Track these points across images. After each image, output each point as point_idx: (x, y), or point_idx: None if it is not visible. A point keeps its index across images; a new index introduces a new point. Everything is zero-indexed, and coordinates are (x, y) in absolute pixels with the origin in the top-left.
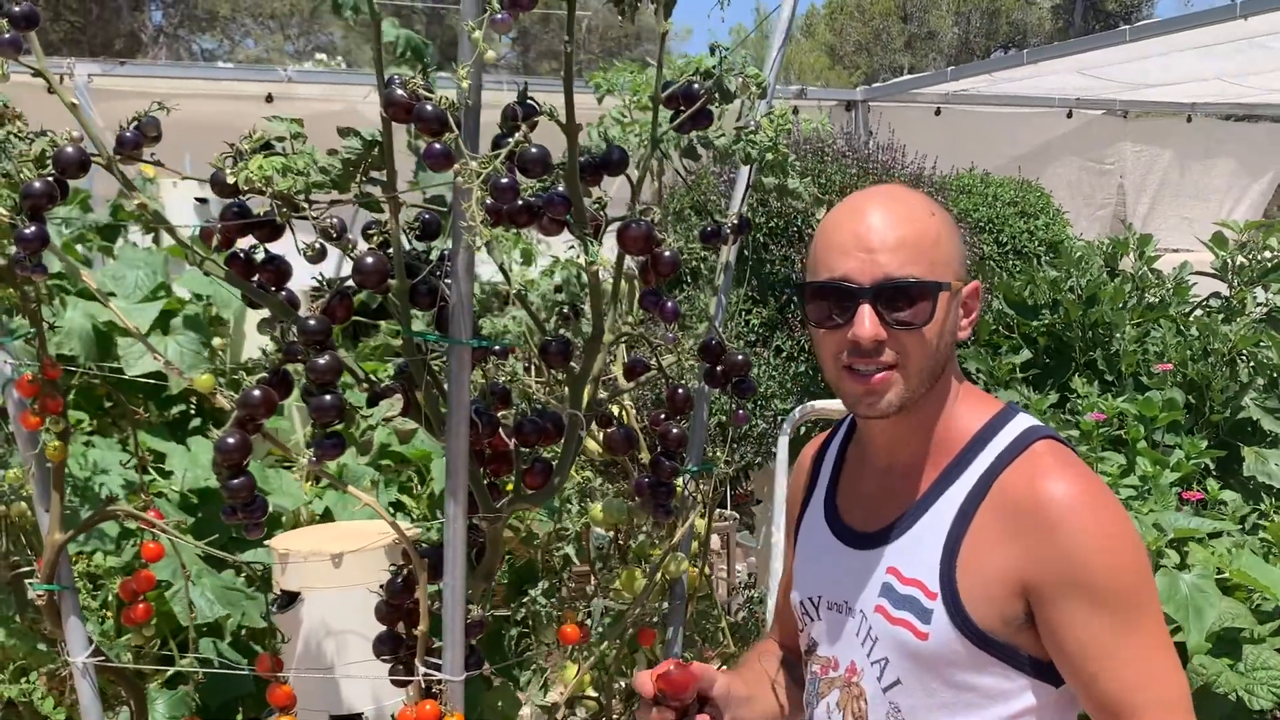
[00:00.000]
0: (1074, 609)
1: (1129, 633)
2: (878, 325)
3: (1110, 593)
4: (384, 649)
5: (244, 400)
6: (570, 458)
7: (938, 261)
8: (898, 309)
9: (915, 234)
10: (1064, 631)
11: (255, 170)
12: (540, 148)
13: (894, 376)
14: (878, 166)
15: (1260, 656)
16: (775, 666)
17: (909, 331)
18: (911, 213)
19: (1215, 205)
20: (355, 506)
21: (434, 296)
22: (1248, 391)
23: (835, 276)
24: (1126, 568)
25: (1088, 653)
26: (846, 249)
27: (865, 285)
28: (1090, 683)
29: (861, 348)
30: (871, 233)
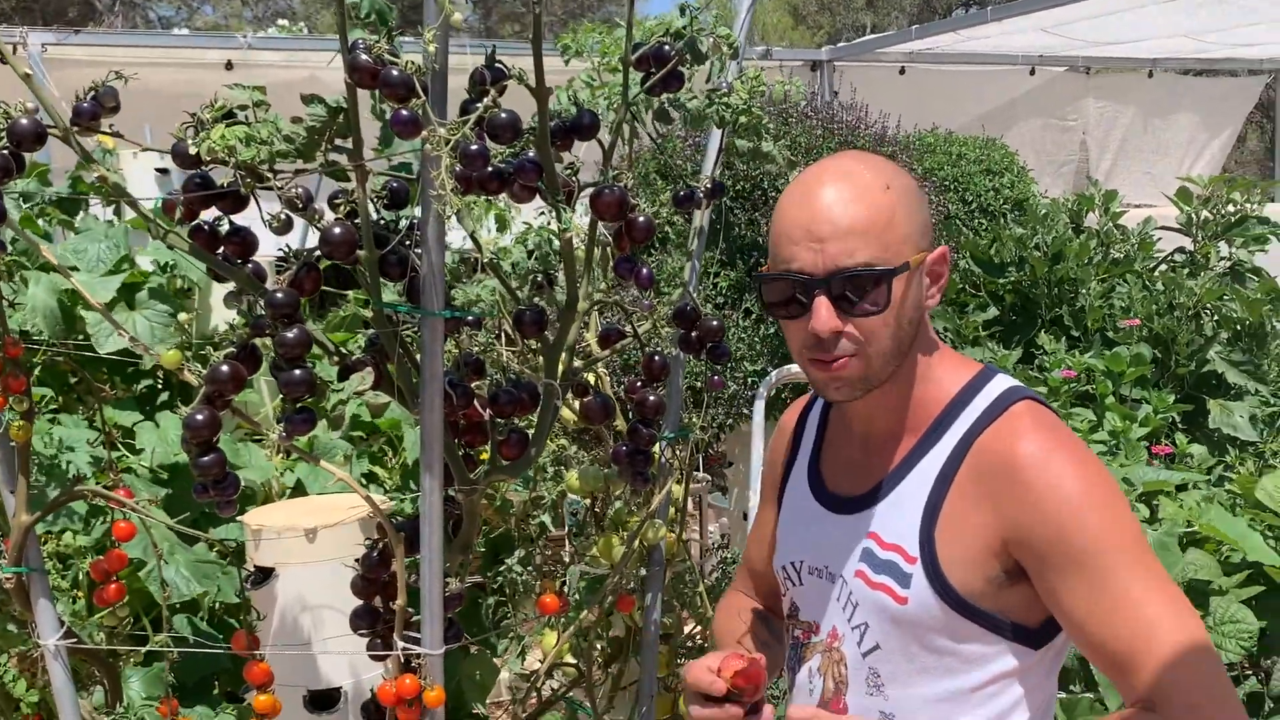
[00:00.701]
0: (1059, 566)
1: (1119, 580)
2: (834, 317)
3: (1095, 547)
4: (361, 623)
5: (212, 376)
6: (546, 428)
7: (893, 242)
8: (854, 299)
9: (867, 217)
10: (1058, 591)
11: (218, 140)
12: (510, 112)
13: (856, 363)
14: (843, 127)
15: (1228, 610)
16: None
17: (868, 318)
18: (862, 191)
19: (1176, 160)
20: (330, 480)
21: (404, 267)
22: (1212, 345)
23: (789, 268)
24: (1108, 522)
25: (1081, 605)
26: (796, 239)
27: (818, 276)
28: (1090, 639)
29: (820, 341)
30: (820, 220)
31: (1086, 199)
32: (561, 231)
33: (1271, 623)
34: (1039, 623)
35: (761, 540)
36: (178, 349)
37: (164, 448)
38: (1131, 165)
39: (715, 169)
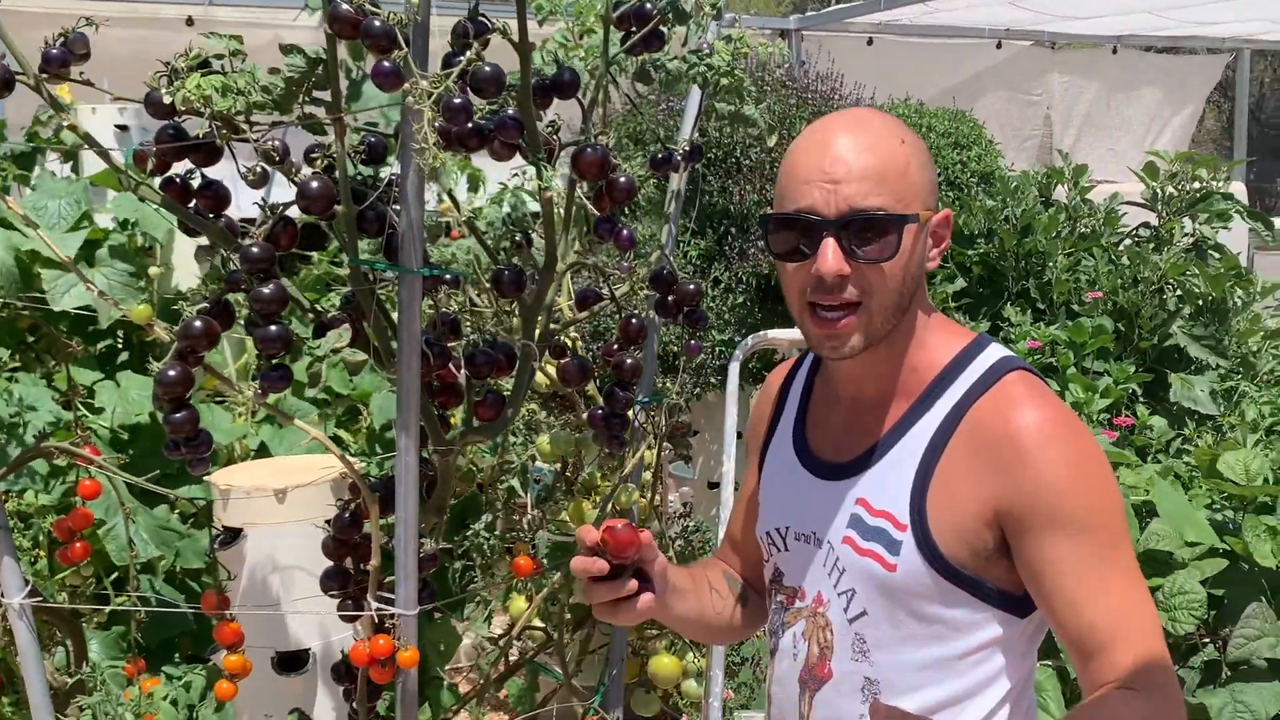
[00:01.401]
0: (1049, 539)
1: (1103, 563)
2: (841, 260)
3: (1085, 523)
4: (332, 584)
5: (185, 331)
6: (523, 389)
7: (906, 192)
8: (863, 243)
9: (882, 163)
10: (1039, 562)
11: (193, 89)
12: (494, 66)
13: (857, 321)
14: (816, 97)
15: (1179, 582)
16: (718, 576)
17: (874, 266)
18: (879, 141)
19: (1138, 137)
20: (301, 441)
21: (382, 223)
22: (1175, 319)
23: (800, 208)
24: (1101, 498)
25: (1063, 583)
26: (810, 180)
27: (829, 217)
28: (1065, 613)
29: (825, 283)
30: (836, 163)
31: (1056, 172)
32: (542, 190)
33: (1231, 593)
34: (1024, 592)
35: (744, 507)
36: (146, 304)
37: (125, 407)
38: (1094, 141)
39: (694, 131)
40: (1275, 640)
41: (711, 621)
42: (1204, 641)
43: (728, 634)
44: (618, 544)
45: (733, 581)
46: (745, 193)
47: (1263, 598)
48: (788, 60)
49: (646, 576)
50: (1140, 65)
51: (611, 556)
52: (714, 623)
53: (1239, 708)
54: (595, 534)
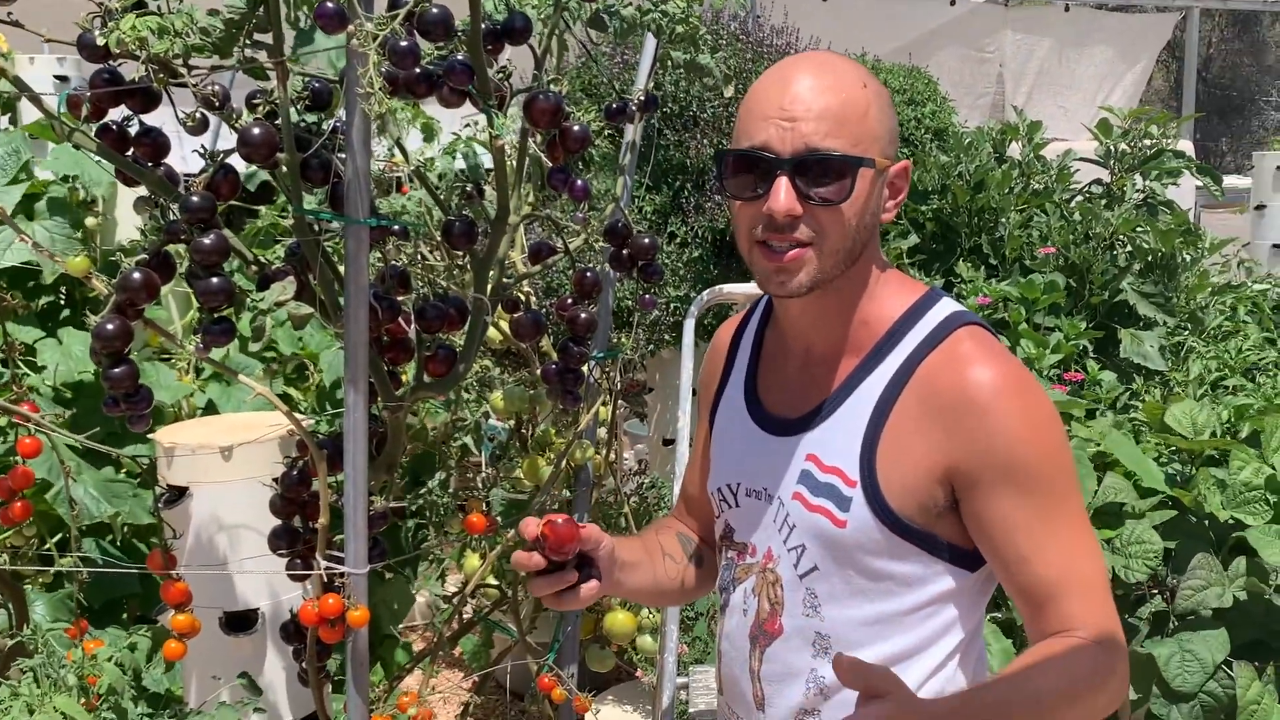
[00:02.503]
0: (1001, 494)
1: (1054, 516)
2: (794, 199)
3: (1037, 477)
4: (280, 543)
5: (123, 283)
6: (475, 344)
7: (864, 136)
8: (817, 183)
9: (841, 104)
10: (991, 517)
11: (128, 31)
12: (442, 8)
13: (807, 255)
14: (772, 51)
15: (1136, 531)
16: (671, 540)
17: (826, 208)
18: (840, 82)
19: (1090, 95)
20: (247, 397)
21: (327, 172)
22: (1126, 276)
23: (755, 145)
24: (1052, 452)
25: (1014, 537)
26: (768, 116)
27: (784, 155)
28: (1015, 566)
29: (776, 222)
30: (795, 101)
31: (1011, 128)
32: (493, 139)
33: (1180, 544)
34: (973, 547)
35: (697, 464)
36: (84, 255)
37: (67, 365)
38: (1045, 99)
39: (648, 81)
40: (1221, 590)
41: (666, 587)
42: (1152, 593)
43: (682, 596)
44: (557, 539)
45: (686, 542)
46: (702, 147)
47: (1210, 549)
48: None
49: (591, 562)
50: (1092, 23)
51: (550, 552)
52: (668, 588)
53: (1186, 656)
54: (535, 528)
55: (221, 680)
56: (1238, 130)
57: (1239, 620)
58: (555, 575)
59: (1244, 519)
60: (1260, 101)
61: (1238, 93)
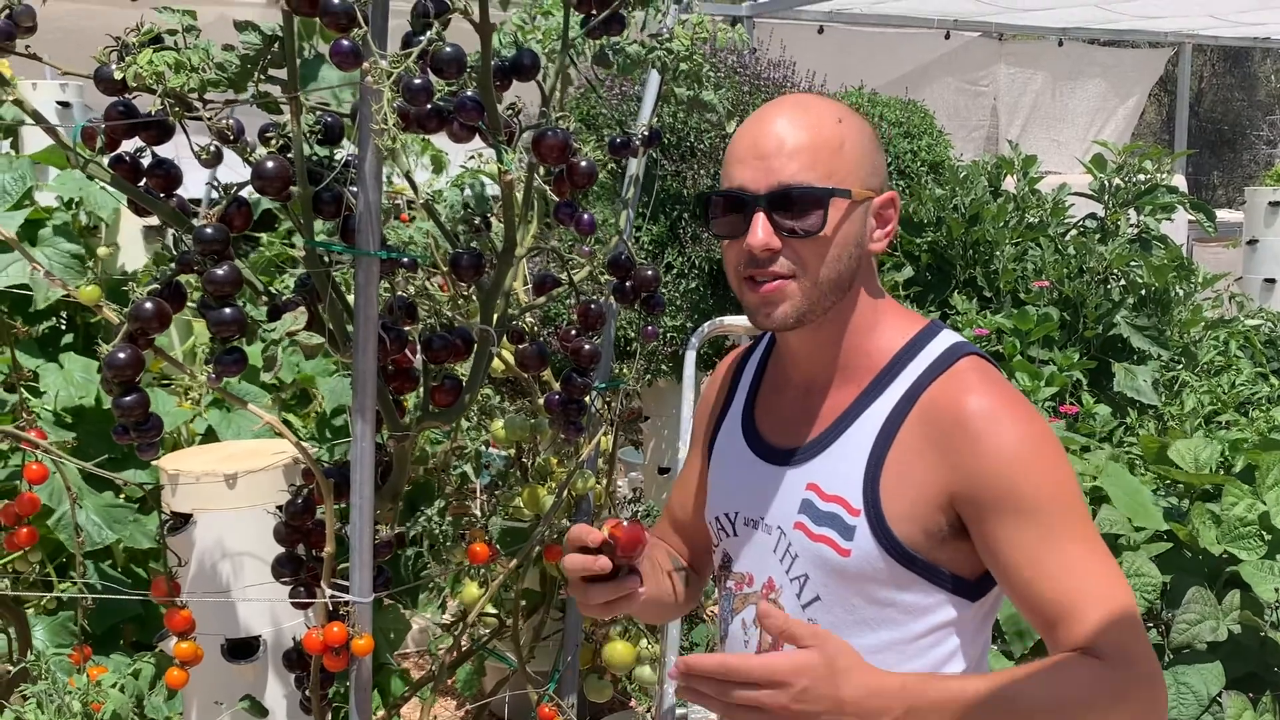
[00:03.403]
0: (1004, 518)
1: (1058, 538)
2: (771, 234)
3: (1038, 501)
4: (284, 571)
5: (136, 313)
6: (481, 374)
7: (838, 169)
8: (791, 217)
9: (814, 140)
10: (996, 541)
11: (145, 65)
12: (456, 47)
13: (789, 286)
14: (769, 84)
15: (1134, 564)
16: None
17: (804, 240)
18: (815, 119)
19: (1083, 129)
20: (250, 425)
21: (339, 205)
22: (1119, 309)
23: (733, 186)
24: (1052, 476)
25: (1019, 560)
26: (745, 157)
27: (760, 193)
28: (1024, 590)
29: (755, 257)
30: (769, 139)
31: (1006, 162)
32: (502, 173)
33: (1175, 578)
34: (977, 575)
35: (687, 488)
36: (95, 285)
37: (68, 390)
38: (1039, 132)
39: (652, 116)
40: (1216, 623)
41: (662, 602)
42: (1147, 626)
43: (670, 613)
44: (627, 541)
45: (674, 561)
46: (699, 177)
47: (1204, 583)
48: (747, 46)
49: (635, 570)
50: (1085, 58)
51: (621, 555)
52: (664, 603)
53: (1182, 689)
54: (598, 533)
55: (223, 706)
56: (1229, 164)
57: (1233, 654)
58: (618, 582)
59: (1237, 554)
60: (1251, 135)
61: (1229, 126)
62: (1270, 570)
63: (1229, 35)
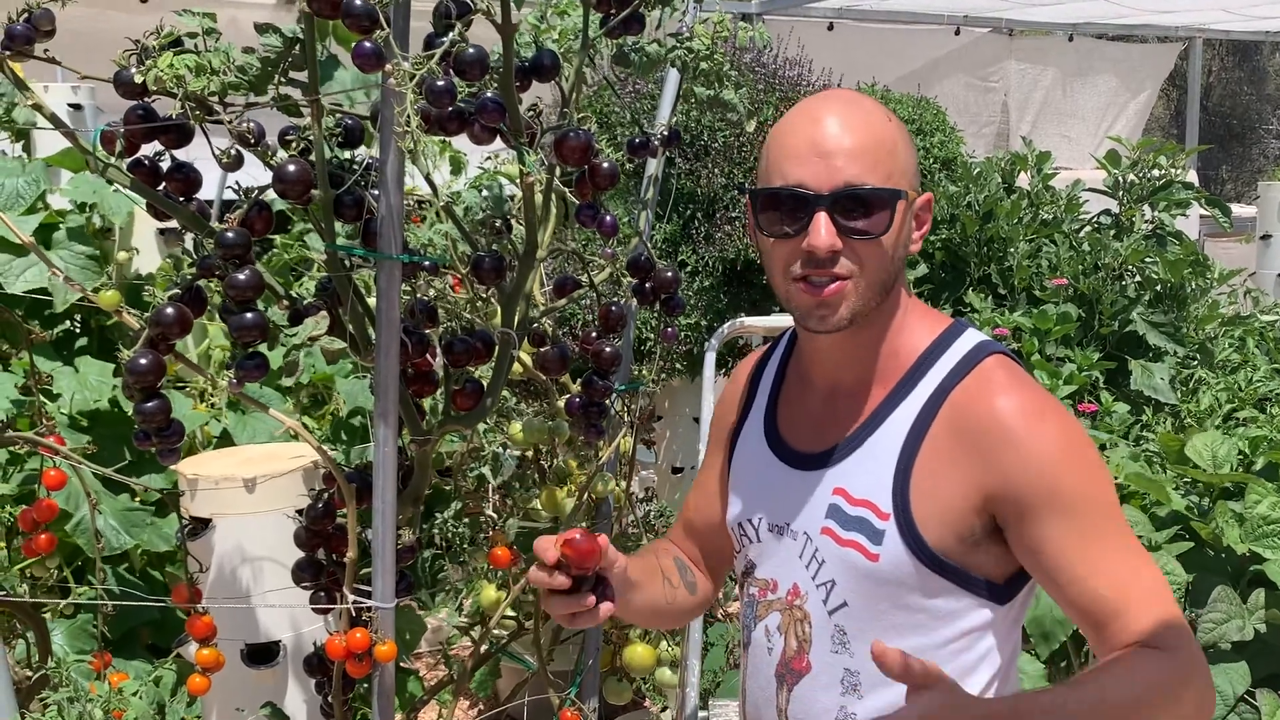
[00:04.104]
0: (1049, 519)
1: (1103, 533)
2: (834, 235)
3: (1080, 497)
4: (304, 575)
5: (157, 318)
6: (502, 378)
7: (895, 170)
8: (855, 218)
9: (874, 140)
10: (1041, 542)
11: (165, 69)
12: (478, 48)
13: (848, 288)
14: (784, 82)
15: (1160, 563)
16: (669, 564)
17: (866, 242)
18: (869, 118)
19: (1094, 124)
20: (266, 427)
21: (360, 208)
22: (1135, 306)
23: (790, 183)
24: (1088, 473)
25: (1068, 559)
26: (802, 155)
27: (823, 192)
28: (1073, 588)
29: (816, 258)
30: (829, 138)
31: (1020, 158)
32: (524, 175)
33: (1198, 577)
34: (1005, 578)
35: (703, 492)
36: (115, 290)
37: (84, 394)
38: (1050, 128)
39: (671, 116)
40: (1242, 623)
41: (663, 610)
42: None
43: (675, 619)
44: (579, 555)
45: (683, 568)
46: (713, 176)
47: (1228, 582)
48: (768, 45)
49: (605, 581)
50: (1096, 53)
51: (574, 569)
52: (665, 610)
53: None
54: (553, 550)
55: (245, 712)
56: (1238, 158)
57: (1259, 653)
58: (573, 596)
59: (1262, 552)
60: (1260, 129)
61: (1238, 120)
62: None
63: (1240, 29)
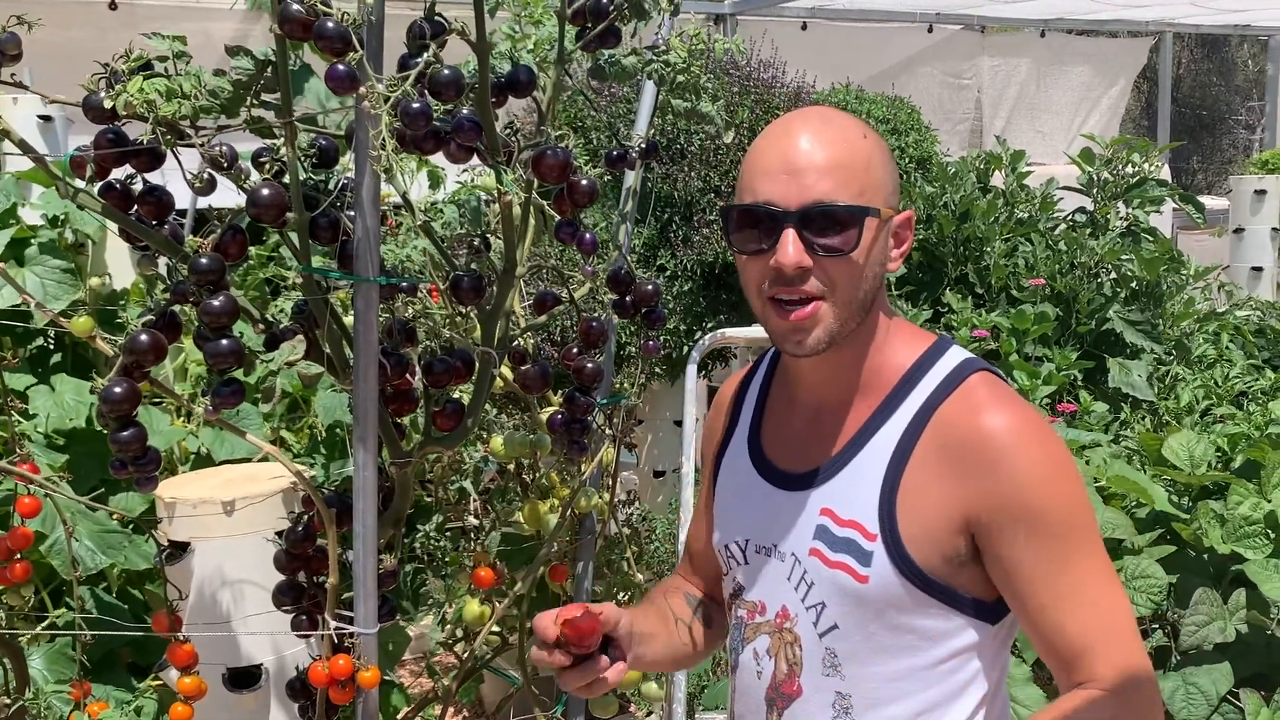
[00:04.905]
0: (1020, 542)
1: (1074, 563)
2: (802, 252)
3: (1055, 524)
4: (285, 599)
5: (131, 346)
6: (483, 397)
7: (868, 187)
8: (824, 235)
9: (845, 157)
10: (1011, 565)
11: (135, 93)
12: (454, 69)
13: (822, 309)
14: (759, 85)
15: (1140, 566)
16: (681, 603)
17: (835, 259)
18: (843, 134)
19: (1067, 120)
20: (245, 443)
21: (335, 230)
22: (1112, 304)
23: (759, 200)
24: (1069, 498)
25: (1035, 586)
26: (772, 171)
27: (791, 209)
28: (1038, 615)
29: (785, 275)
30: (799, 154)
31: (994, 158)
32: (501, 194)
33: (1181, 579)
34: (995, 598)
35: (701, 521)
36: (88, 316)
37: (59, 412)
38: (1023, 124)
39: (648, 128)
40: (1224, 624)
41: (681, 654)
42: (1153, 627)
43: (696, 659)
44: (578, 634)
45: (694, 602)
46: (690, 180)
47: (1210, 583)
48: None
49: (613, 642)
50: (1068, 48)
51: (574, 649)
52: (683, 653)
53: (1190, 690)
54: (553, 629)
55: None
56: (1208, 149)
57: (1241, 653)
58: (583, 668)
59: (1243, 553)
60: (1230, 120)
61: (1207, 112)
62: (1277, 569)
63: (1209, 23)
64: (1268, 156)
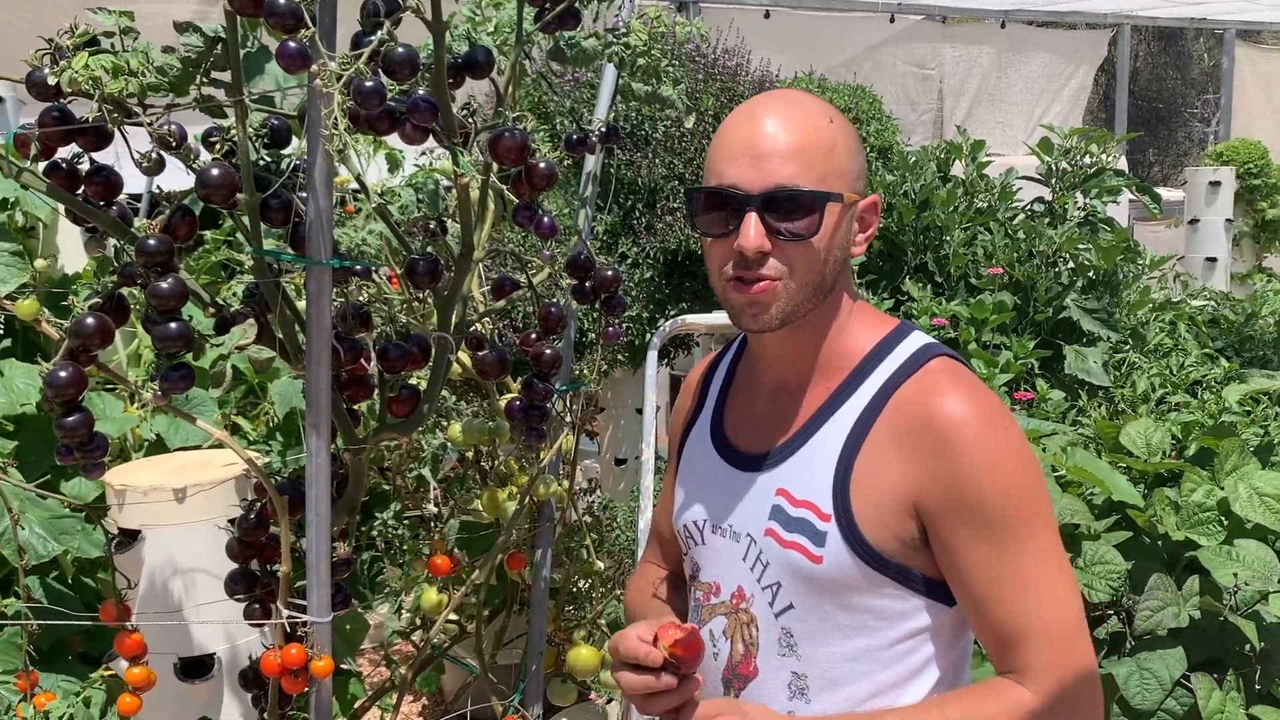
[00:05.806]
0: (962, 530)
1: (1016, 556)
2: (763, 236)
3: (998, 513)
4: (238, 588)
5: (77, 329)
6: (439, 383)
7: (831, 172)
8: (786, 219)
9: (809, 141)
10: (953, 552)
11: (80, 70)
12: (408, 47)
13: (778, 288)
14: (724, 72)
15: (1099, 552)
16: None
17: (795, 243)
18: (808, 119)
19: (1027, 111)
20: (194, 433)
21: (288, 211)
22: (1070, 293)
23: (723, 183)
24: (1018, 488)
25: (974, 575)
26: (736, 155)
27: (753, 193)
28: (975, 605)
29: (746, 258)
30: (763, 139)
31: (955, 147)
32: (458, 176)
33: (1136, 565)
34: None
35: (668, 504)
36: (34, 298)
37: (9, 397)
38: (984, 114)
39: (609, 112)
40: (1178, 609)
41: None
42: (1108, 613)
43: None
44: (692, 654)
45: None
46: (654, 167)
47: (1165, 569)
48: (705, 39)
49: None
50: (1028, 40)
51: (683, 669)
52: None
53: (1145, 675)
54: (658, 653)
55: None
56: (1164, 141)
57: (1194, 638)
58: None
59: (1197, 539)
60: (1185, 113)
61: (1163, 104)
62: (1229, 555)
63: (1167, 16)
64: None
